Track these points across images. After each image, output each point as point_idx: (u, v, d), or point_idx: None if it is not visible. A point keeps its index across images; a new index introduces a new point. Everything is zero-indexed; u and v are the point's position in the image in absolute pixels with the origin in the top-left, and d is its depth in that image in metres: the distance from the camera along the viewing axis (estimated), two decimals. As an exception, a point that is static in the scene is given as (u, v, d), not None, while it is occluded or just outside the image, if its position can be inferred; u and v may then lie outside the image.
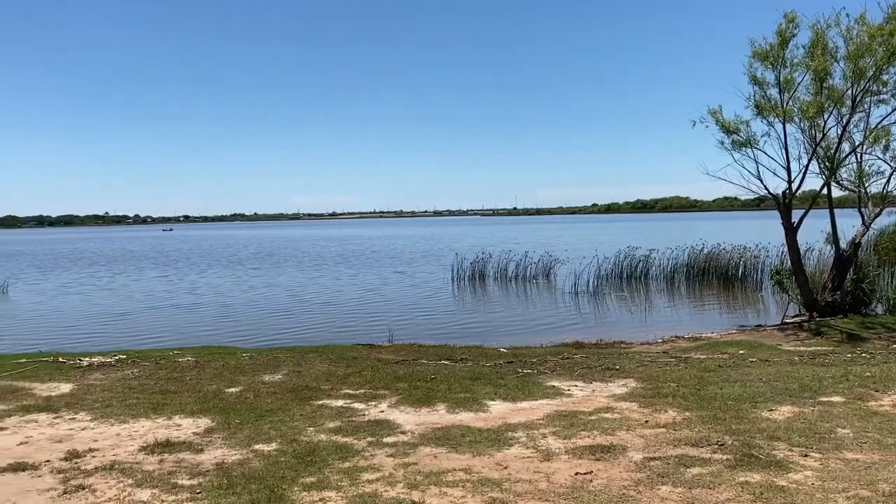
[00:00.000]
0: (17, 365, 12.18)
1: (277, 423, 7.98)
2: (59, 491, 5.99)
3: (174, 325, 19.27)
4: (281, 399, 9.22)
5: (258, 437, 7.48)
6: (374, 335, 15.98)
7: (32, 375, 11.27)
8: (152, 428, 7.96)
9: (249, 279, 32.61)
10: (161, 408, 8.85)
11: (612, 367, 11.05)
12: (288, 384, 10.17)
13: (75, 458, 6.89)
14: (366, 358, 12.42)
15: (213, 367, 11.70)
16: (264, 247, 65.45)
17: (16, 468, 6.59)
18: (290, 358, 12.45)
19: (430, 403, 8.85)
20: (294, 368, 11.43)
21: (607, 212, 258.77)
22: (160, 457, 6.85)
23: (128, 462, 6.71)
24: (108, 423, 8.23)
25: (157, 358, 12.64)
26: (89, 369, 11.73)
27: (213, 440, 7.41)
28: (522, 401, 8.96)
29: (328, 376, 10.72)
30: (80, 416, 8.61)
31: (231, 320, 19.87)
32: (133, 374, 11.16)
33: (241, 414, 8.45)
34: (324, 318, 19.83)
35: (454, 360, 11.92)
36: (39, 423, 8.34)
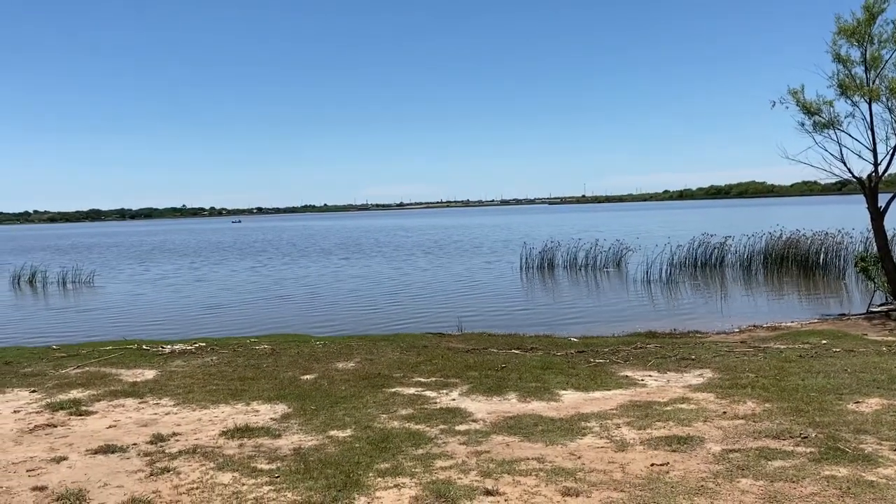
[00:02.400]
0: (104, 352, 12.76)
1: (351, 410, 8.12)
2: (145, 473, 6.25)
3: (252, 313, 19.81)
4: (354, 386, 9.37)
5: (333, 423, 7.62)
6: (443, 324, 16.06)
7: (119, 362, 11.79)
8: (231, 413, 8.21)
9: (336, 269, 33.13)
10: (239, 394, 9.13)
11: (687, 357, 10.80)
12: (361, 372, 10.32)
13: (160, 441, 7.17)
14: (436, 346, 12.50)
15: (289, 354, 11.99)
16: (346, 238, 66.14)
17: (106, 450, 6.91)
18: (362, 346, 12.64)
19: (501, 392, 8.85)
20: (366, 356, 11.59)
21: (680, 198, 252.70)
22: (240, 441, 7.07)
23: (209, 446, 6.94)
24: (190, 408, 8.54)
25: (234, 346, 13.03)
26: (171, 356, 12.19)
27: (290, 426, 7.59)
28: (595, 391, 8.85)
29: (399, 364, 10.84)
30: (163, 401, 8.96)
31: (306, 308, 20.30)
32: (212, 362, 11.53)
33: (316, 400, 8.63)
34: (394, 307, 20.05)
35: (524, 350, 11.87)
36: (126, 407, 8.72)
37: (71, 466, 6.49)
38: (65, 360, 12.10)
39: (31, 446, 7.17)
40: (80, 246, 68.80)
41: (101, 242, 75.99)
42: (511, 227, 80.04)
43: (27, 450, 7.05)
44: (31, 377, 10.76)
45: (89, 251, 58.04)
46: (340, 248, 48.93)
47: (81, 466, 6.48)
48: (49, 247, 68.95)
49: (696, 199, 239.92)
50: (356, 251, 45.60)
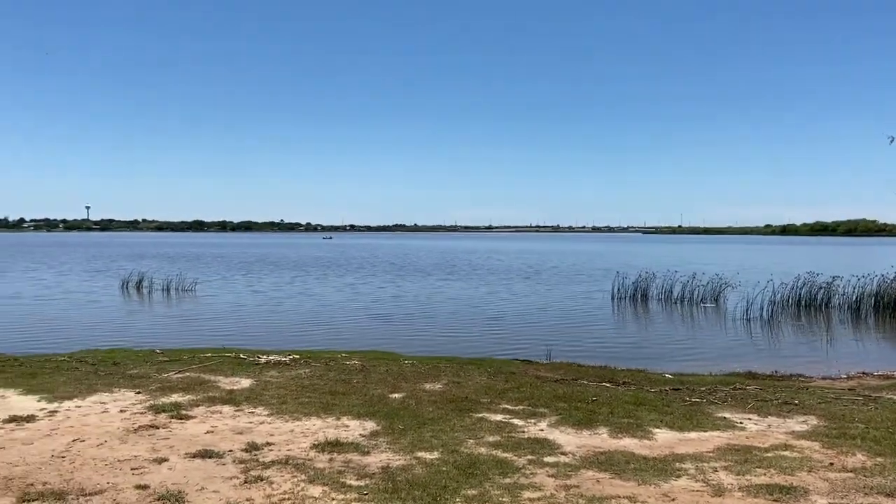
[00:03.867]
0: (204, 358, 13.29)
1: (438, 433, 8.12)
2: (240, 480, 6.43)
3: (345, 328, 20.22)
4: (441, 409, 9.38)
5: (420, 444, 7.64)
6: (531, 351, 15.90)
7: (217, 369, 12.24)
8: (322, 427, 8.36)
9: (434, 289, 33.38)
10: (330, 408, 9.29)
11: (790, 401, 10.26)
12: (448, 394, 10.33)
13: (254, 450, 7.38)
14: (524, 374, 12.37)
15: (378, 371, 12.14)
16: (441, 258, 66.42)
17: (203, 455, 7.16)
18: (450, 368, 12.66)
19: (591, 426, 8.65)
20: (453, 379, 11.60)
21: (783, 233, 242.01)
22: (330, 455, 7.18)
23: (301, 458, 7.08)
24: (283, 419, 8.75)
25: (326, 359, 13.31)
26: (266, 366, 12.57)
27: (379, 443, 7.66)
28: (690, 431, 8.52)
29: (487, 389, 10.78)
30: (258, 410, 9.23)
31: (397, 327, 20.54)
32: (305, 374, 11.81)
33: (404, 420, 8.68)
34: (483, 331, 20.01)
35: (616, 383, 11.58)
36: (223, 414, 9.02)
37: (171, 468, 6.76)
38: (167, 365, 12.67)
39: (136, 445, 7.51)
40: (186, 255, 72.19)
41: (206, 252, 79.40)
42: (604, 254, 78.79)
43: (132, 448, 7.40)
44: (136, 379, 11.32)
45: (198, 260, 60.74)
46: (437, 269, 49.13)
47: (181, 469, 6.73)
48: (158, 254, 72.71)
49: (800, 234, 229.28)
50: (452, 272, 45.78)
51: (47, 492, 6.04)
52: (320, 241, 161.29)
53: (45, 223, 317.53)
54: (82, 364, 12.63)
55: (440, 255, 73.31)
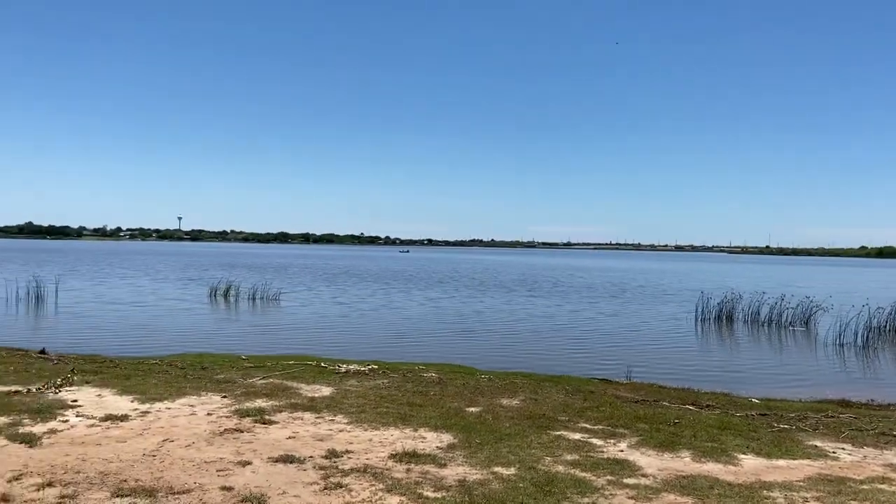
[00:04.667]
0: (287, 366, 13.64)
1: (515, 449, 8.06)
2: (320, 486, 6.55)
3: (423, 340, 20.36)
4: (519, 425, 9.31)
5: (497, 459, 7.60)
6: (610, 370, 15.62)
7: (299, 376, 12.54)
8: (400, 437, 8.43)
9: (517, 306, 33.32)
10: (408, 419, 9.37)
11: (889, 432, 9.71)
12: (525, 410, 10.25)
13: (334, 457, 7.51)
14: (603, 393, 12.16)
15: (455, 385, 12.17)
16: (523, 274, 65.89)
17: (285, 459, 7.34)
18: (527, 384, 12.57)
19: (673, 448, 8.41)
20: (531, 395, 11.50)
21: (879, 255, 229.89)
22: (407, 466, 7.23)
23: (379, 467, 7.16)
24: (362, 427, 8.88)
25: (404, 371, 13.44)
26: (346, 376, 12.79)
27: (455, 456, 7.66)
28: (779, 458, 8.17)
29: (565, 407, 10.64)
30: (338, 418, 9.39)
31: (474, 341, 20.55)
32: (383, 385, 11.95)
33: (481, 434, 8.66)
34: (561, 348, 19.78)
35: (699, 406, 11.23)
36: (304, 420, 9.22)
37: (254, 471, 6.95)
38: (252, 371, 13.07)
39: (221, 448, 7.76)
40: (272, 266, 74.35)
41: (291, 263, 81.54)
42: (689, 273, 76.73)
43: (217, 451, 7.65)
44: (222, 383, 11.71)
45: (283, 271, 62.42)
46: (519, 285, 48.70)
47: (263, 472, 6.91)
48: (245, 265, 75.15)
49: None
50: (534, 289, 45.39)
51: (139, 488, 6.31)
52: (397, 254, 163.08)
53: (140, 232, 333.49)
54: (172, 367, 13.16)
55: (520, 272, 72.81)
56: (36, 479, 6.49)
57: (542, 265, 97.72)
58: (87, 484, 6.40)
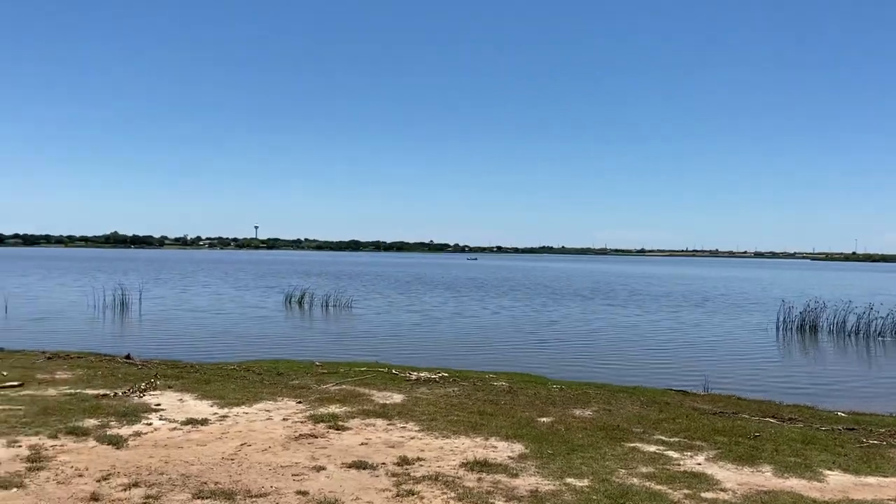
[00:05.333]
0: (359, 372, 13.83)
1: (588, 460, 7.94)
2: (392, 493, 6.60)
3: (493, 348, 20.32)
4: (592, 436, 9.17)
5: (570, 470, 7.50)
6: (687, 381, 15.21)
7: (371, 383, 12.69)
8: (471, 446, 8.42)
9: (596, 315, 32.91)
10: (479, 428, 9.35)
11: None
12: (598, 421, 10.08)
13: (406, 464, 7.55)
14: (679, 405, 11.85)
15: (526, 394, 12.08)
16: (597, 282, 64.72)
17: (358, 465, 7.43)
18: (600, 395, 12.37)
19: (753, 462, 8.12)
20: (604, 406, 11.31)
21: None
22: (478, 475, 7.21)
23: (450, 475, 7.16)
24: (433, 435, 8.91)
25: (474, 379, 13.43)
26: (416, 383, 12.87)
27: (527, 467, 7.60)
28: (868, 475, 7.78)
29: (639, 419, 10.42)
30: (409, 425, 9.45)
31: (546, 349, 20.38)
32: (453, 393, 11.97)
33: (553, 445, 8.56)
34: (636, 358, 19.39)
35: (781, 419, 10.81)
36: (376, 427, 9.32)
37: (329, 476, 7.06)
38: (325, 377, 13.30)
39: (297, 453, 7.92)
40: (346, 273, 75.61)
41: (363, 271, 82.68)
42: (772, 281, 74.10)
43: (293, 455, 7.81)
44: (297, 389, 11.96)
45: (357, 278, 63.31)
46: (595, 293, 47.87)
47: (337, 478, 7.02)
48: (320, 272, 76.69)
49: None
50: (611, 297, 44.55)
51: (218, 491, 6.49)
52: (465, 261, 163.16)
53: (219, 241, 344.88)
54: (249, 373, 13.52)
55: (594, 279, 71.60)
56: (123, 479, 6.77)
57: (615, 272, 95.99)
58: (169, 485, 6.63)
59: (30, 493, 6.30)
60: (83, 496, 6.26)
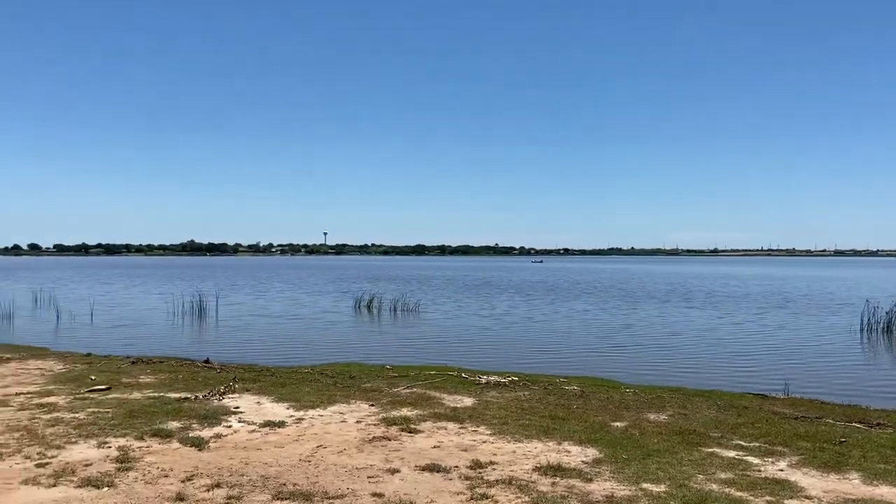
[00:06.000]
0: (429, 376, 13.91)
1: (665, 465, 7.78)
2: (466, 496, 6.62)
3: (564, 352, 20.13)
4: (667, 440, 8.99)
5: (646, 475, 7.37)
6: (765, 385, 14.72)
7: (441, 386, 12.75)
8: (544, 450, 8.38)
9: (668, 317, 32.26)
10: (551, 432, 9.29)
11: None
12: (674, 426, 9.87)
13: (478, 467, 7.57)
14: (758, 409, 11.48)
15: (598, 398, 11.93)
16: (672, 283, 62.84)
17: (431, 468, 7.49)
18: (675, 399, 12.11)
19: (839, 469, 7.81)
20: (679, 410, 11.07)
21: None
22: (552, 479, 7.16)
23: (524, 479, 7.14)
24: (505, 439, 8.90)
25: (545, 383, 13.34)
26: (486, 387, 12.87)
27: (602, 472, 7.51)
28: (966, 485, 7.38)
29: (717, 423, 10.15)
30: (480, 429, 9.46)
31: (616, 352, 20.07)
32: (525, 397, 11.92)
33: (628, 450, 8.43)
34: (712, 361, 18.88)
35: (868, 424, 10.34)
36: (448, 430, 9.37)
37: (403, 479, 7.13)
38: (396, 380, 13.44)
39: (371, 455, 8.04)
40: (415, 277, 76.19)
41: (432, 275, 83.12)
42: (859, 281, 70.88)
43: (367, 458, 7.92)
44: (369, 392, 12.13)
45: (425, 282, 63.59)
46: (671, 295, 46.51)
47: (411, 480, 7.09)
48: (388, 276, 77.53)
49: None
50: (688, 299, 43.07)
51: (297, 492, 6.65)
52: (530, 263, 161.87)
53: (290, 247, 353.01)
54: (323, 376, 13.78)
55: (668, 280, 69.74)
56: (206, 480, 7.00)
57: (689, 273, 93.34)
58: (250, 486, 6.82)
59: (120, 493, 6.58)
60: (169, 496, 6.51)
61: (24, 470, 7.22)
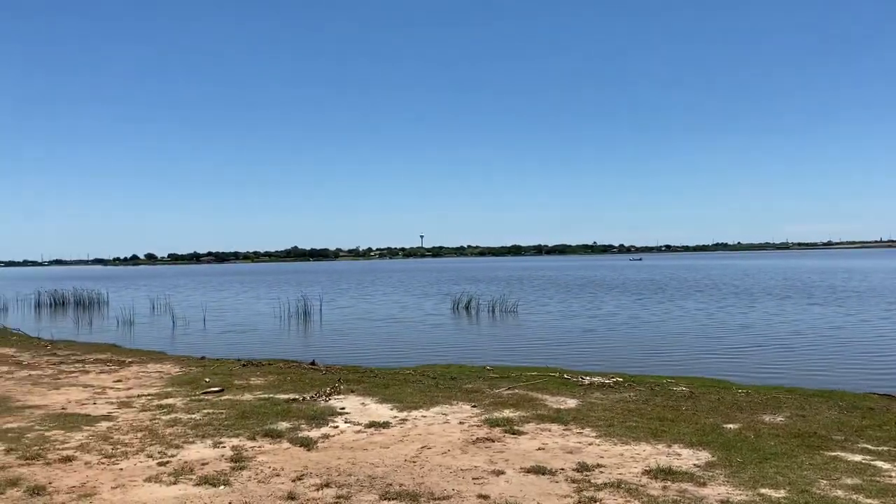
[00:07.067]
0: (530, 377, 13.78)
1: (783, 469, 7.38)
2: (574, 499, 6.48)
3: (671, 351, 19.53)
4: (785, 443, 8.52)
5: (763, 480, 7.01)
6: (892, 385, 13.75)
7: (543, 388, 12.60)
8: (653, 453, 8.11)
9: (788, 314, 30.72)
10: (660, 434, 8.99)
11: None
12: (792, 428, 9.36)
13: (585, 470, 7.40)
14: (886, 410, 10.73)
15: (708, 399, 11.48)
16: (788, 279, 58.95)
17: (537, 470, 7.38)
18: (792, 400, 11.49)
19: (983, 477, 7.17)
20: (797, 412, 10.49)
21: None
22: (663, 483, 6.92)
23: (632, 483, 6.93)
24: (612, 441, 8.68)
25: (651, 384, 12.96)
26: (590, 388, 12.61)
27: (715, 475, 7.19)
28: None
29: (839, 425, 9.55)
30: (585, 431, 9.27)
31: (726, 351, 19.28)
32: (630, 398, 11.61)
33: (743, 453, 8.05)
34: (832, 359, 17.82)
35: None
36: (552, 432, 9.23)
37: (508, 481, 7.07)
38: (497, 381, 13.38)
39: (475, 457, 8.01)
40: (515, 278, 75.96)
41: (532, 275, 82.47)
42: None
43: (471, 459, 7.90)
44: (471, 393, 12.13)
45: (529, 282, 63.26)
46: (790, 291, 43.76)
47: (516, 482, 7.01)
48: (486, 278, 77.63)
49: None
50: (808, 295, 39.99)
51: (403, 493, 6.70)
52: (628, 262, 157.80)
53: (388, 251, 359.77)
54: (424, 377, 13.90)
55: (783, 276, 65.54)
56: (315, 479, 7.17)
57: (804, 268, 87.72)
58: (357, 486, 6.93)
59: (235, 491, 6.83)
60: (281, 495, 6.69)
61: (147, 468, 7.61)
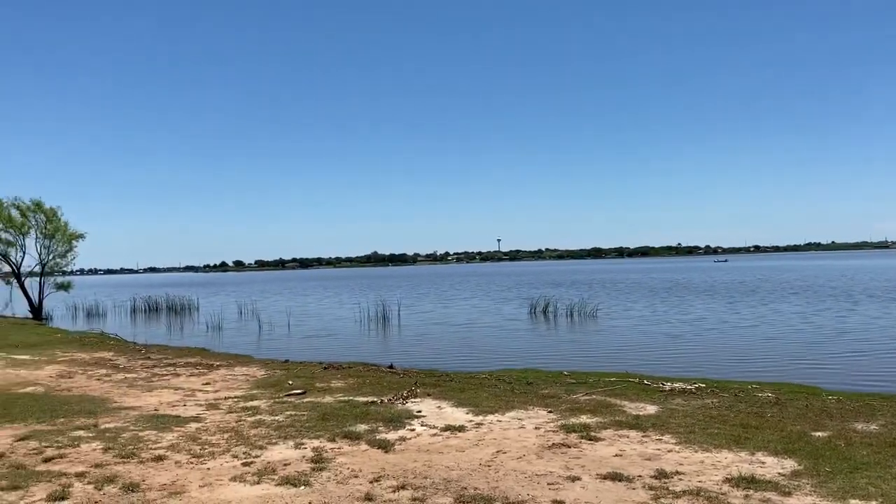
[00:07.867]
0: (608, 382, 13.60)
1: (876, 480, 7.04)
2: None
3: (757, 357, 18.88)
4: (878, 453, 8.12)
5: (854, 490, 6.71)
6: None
7: (622, 394, 12.41)
8: (735, 461, 7.88)
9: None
10: (743, 442, 8.72)
11: None
12: (887, 437, 8.90)
13: (663, 477, 7.26)
14: None
15: (795, 406, 11.05)
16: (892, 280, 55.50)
17: (613, 477, 7.29)
18: (887, 407, 10.94)
19: None
20: (892, 420, 9.98)
21: None
22: (745, 492, 6.72)
23: (713, 491, 6.76)
24: (692, 448, 8.47)
25: (735, 390, 12.58)
26: (671, 394, 12.34)
27: (801, 485, 6.93)
28: None
29: (940, 435, 9.03)
30: (664, 437, 9.08)
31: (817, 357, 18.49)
32: (713, 404, 11.30)
33: (832, 462, 7.72)
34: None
35: None
36: (630, 438, 9.08)
37: (584, 487, 7.01)
38: (574, 386, 13.26)
39: (550, 462, 7.98)
40: (598, 281, 74.89)
41: (615, 278, 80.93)
42: None
43: (547, 464, 7.87)
44: (547, 398, 12.06)
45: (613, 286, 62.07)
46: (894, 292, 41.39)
47: (592, 489, 6.94)
48: (566, 281, 76.87)
49: None
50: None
51: (478, 496, 6.74)
52: (713, 263, 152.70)
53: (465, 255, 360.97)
54: (500, 382, 13.91)
55: (885, 277, 61.37)
56: (392, 481, 7.30)
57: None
58: (433, 489, 7.01)
59: (315, 492, 7.03)
60: (359, 496, 6.85)
61: (233, 468, 7.92)
